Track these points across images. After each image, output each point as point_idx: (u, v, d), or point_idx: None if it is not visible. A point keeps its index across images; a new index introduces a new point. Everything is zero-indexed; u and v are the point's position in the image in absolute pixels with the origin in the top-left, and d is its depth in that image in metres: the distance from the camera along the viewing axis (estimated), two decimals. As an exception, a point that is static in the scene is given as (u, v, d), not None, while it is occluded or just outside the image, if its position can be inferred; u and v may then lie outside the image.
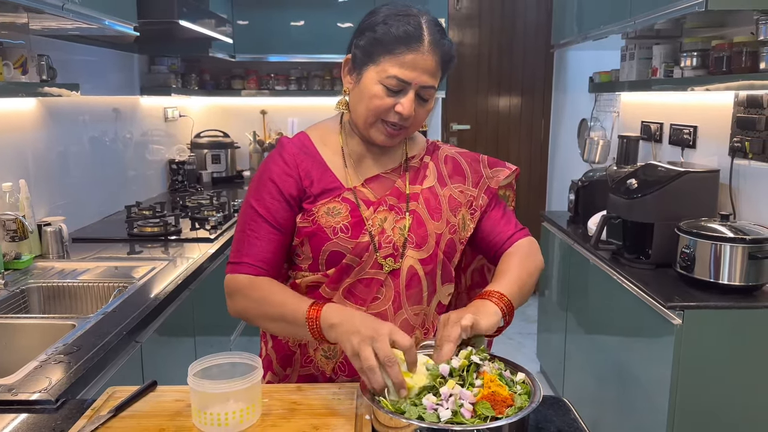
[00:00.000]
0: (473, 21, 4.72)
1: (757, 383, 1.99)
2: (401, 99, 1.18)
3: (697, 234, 2.08)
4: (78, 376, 1.33)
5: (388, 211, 1.25)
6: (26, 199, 2.20)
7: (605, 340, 2.56)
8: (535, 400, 1.00)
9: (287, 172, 1.25)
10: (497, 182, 1.35)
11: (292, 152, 1.27)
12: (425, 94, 1.20)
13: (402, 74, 1.16)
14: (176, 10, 2.53)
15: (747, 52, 2.10)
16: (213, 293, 2.36)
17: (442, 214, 1.29)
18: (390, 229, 1.24)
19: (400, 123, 1.20)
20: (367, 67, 1.19)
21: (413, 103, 1.18)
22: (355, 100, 1.23)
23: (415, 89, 1.18)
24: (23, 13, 1.81)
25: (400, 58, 1.16)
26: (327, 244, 1.22)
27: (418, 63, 1.16)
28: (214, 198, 3.31)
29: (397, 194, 1.27)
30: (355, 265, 1.22)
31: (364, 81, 1.20)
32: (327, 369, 1.27)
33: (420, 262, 1.25)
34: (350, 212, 1.23)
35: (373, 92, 1.18)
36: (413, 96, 1.18)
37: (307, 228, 1.23)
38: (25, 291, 1.99)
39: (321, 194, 1.24)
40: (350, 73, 1.24)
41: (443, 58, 1.20)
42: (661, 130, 2.98)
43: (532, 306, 4.51)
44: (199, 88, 4.17)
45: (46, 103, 2.50)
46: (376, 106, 1.19)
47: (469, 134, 4.84)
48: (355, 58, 1.22)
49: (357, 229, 1.22)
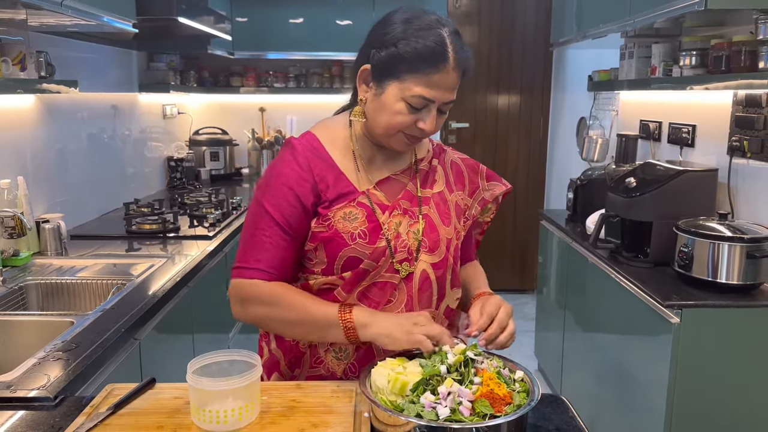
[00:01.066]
0: (472, 19, 4.71)
1: (754, 382, 2.00)
2: (424, 116, 1.17)
3: (695, 233, 2.08)
4: (76, 373, 1.33)
5: (402, 215, 1.25)
6: (24, 196, 2.19)
7: (603, 338, 2.56)
8: (534, 398, 1.01)
9: (303, 177, 1.22)
10: (492, 196, 1.39)
11: (305, 155, 1.24)
12: (445, 108, 1.20)
13: (427, 94, 1.15)
14: (175, 6, 2.52)
15: (746, 51, 2.10)
16: (211, 291, 2.36)
17: (451, 219, 1.31)
18: (405, 234, 1.24)
19: (420, 136, 1.21)
20: (389, 83, 1.16)
21: (434, 118, 1.18)
22: (374, 112, 1.21)
23: (437, 106, 1.18)
24: (22, 9, 1.81)
25: (425, 78, 1.14)
26: (344, 250, 1.20)
27: (444, 82, 1.15)
28: (213, 195, 3.31)
29: (409, 197, 1.28)
30: (371, 270, 1.22)
31: (386, 96, 1.17)
32: (338, 370, 1.26)
33: (432, 267, 1.26)
34: (366, 217, 1.22)
35: (396, 109, 1.17)
36: (435, 112, 1.18)
37: (324, 233, 1.21)
38: (23, 288, 1.98)
39: (336, 199, 1.23)
40: (367, 83, 1.21)
41: (464, 72, 1.19)
42: (660, 129, 2.98)
43: (530, 304, 4.52)
44: (198, 85, 4.16)
45: (44, 99, 2.50)
46: (399, 122, 1.18)
47: (468, 132, 4.84)
48: (375, 70, 1.18)
49: (374, 235, 1.22)
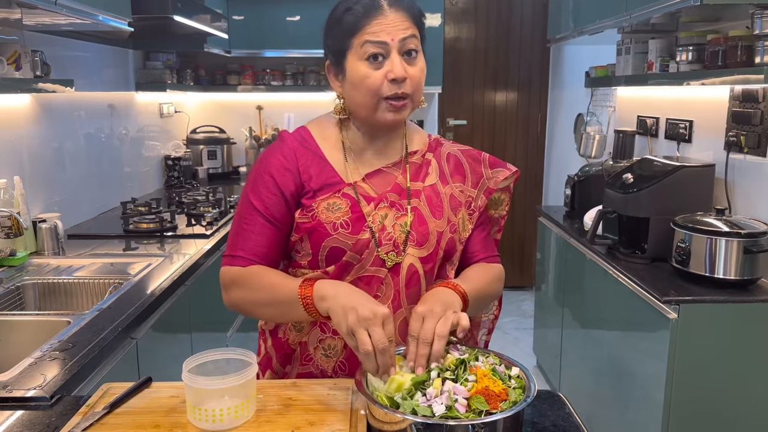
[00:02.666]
0: (469, 16, 4.71)
1: (752, 377, 2.00)
2: (389, 65, 1.17)
3: (692, 228, 2.09)
4: (73, 372, 1.33)
5: (389, 208, 1.24)
6: (21, 196, 2.19)
7: (601, 334, 2.56)
8: (530, 394, 1.01)
9: (285, 166, 1.24)
10: (496, 183, 1.34)
11: (292, 146, 1.26)
12: (409, 48, 1.18)
13: (375, 37, 1.16)
14: (171, 5, 2.52)
15: (742, 46, 2.10)
16: (209, 289, 2.35)
17: (444, 212, 1.28)
18: (391, 226, 1.23)
19: (400, 92, 1.18)
20: (345, 58, 1.19)
21: (401, 61, 1.17)
22: (350, 95, 1.22)
23: (396, 47, 1.17)
24: (17, 8, 1.81)
25: (367, 29, 1.16)
26: (327, 240, 1.21)
27: (386, 24, 1.16)
28: (210, 194, 3.31)
29: (398, 190, 1.27)
30: (355, 263, 1.22)
31: (349, 71, 1.19)
32: (327, 368, 1.27)
33: (420, 261, 1.25)
34: (350, 208, 1.22)
35: (360, 73, 1.18)
36: (398, 56, 1.17)
37: (307, 224, 1.22)
38: (20, 288, 1.98)
39: (320, 189, 1.23)
40: (336, 75, 1.24)
41: (410, 13, 1.19)
42: (657, 124, 2.98)
43: (528, 301, 4.52)
44: (195, 83, 4.15)
45: (40, 99, 2.49)
46: (370, 85, 1.17)
47: (466, 129, 4.84)
48: (332, 59, 1.23)
49: (357, 225, 1.22)
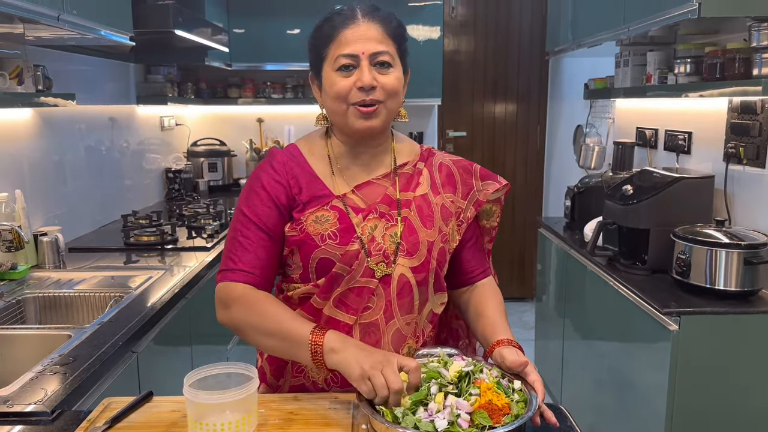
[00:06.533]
0: (468, 28, 4.73)
1: (753, 388, 2.00)
2: (357, 74, 1.19)
3: (692, 240, 2.09)
4: (74, 387, 1.33)
5: (378, 219, 1.25)
6: (22, 209, 2.19)
7: (602, 346, 2.56)
8: (532, 408, 1.01)
9: (277, 179, 1.26)
10: (486, 195, 1.35)
11: (282, 160, 1.28)
12: (382, 60, 1.20)
13: (346, 49, 1.19)
14: (172, 19, 2.53)
15: (740, 58, 2.12)
16: (210, 302, 2.33)
17: (435, 221, 1.28)
18: (380, 237, 1.23)
19: (368, 99, 1.19)
20: (322, 70, 1.23)
21: (370, 71, 1.19)
22: (325, 101, 1.26)
23: (367, 59, 1.19)
24: (19, 23, 1.82)
25: (340, 39, 1.19)
26: (315, 252, 1.22)
27: (358, 35, 1.19)
28: (211, 206, 3.31)
29: (388, 201, 1.27)
30: (345, 274, 1.22)
31: (324, 80, 1.23)
32: (319, 379, 1.27)
33: (411, 270, 1.25)
34: (338, 219, 1.23)
35: (331, 81, 1.21)
36: (367, 66, 1.19)
37: (296, 237, 1.23)
38: (21, 301, 1.98)
39: (309, 202, 1.25)
40: (317, 86, 1.29)
41: (385, 24, 1.21)
42: (656, 136, 2.99)
43: (529, 312, 4.51)
44: (196, 96, 4.17)
45: (42, 113, 2.50)
46: (338, 90, 1.20)
47: (466, 141, 4.85)
48: (312, 70, 1.28)
49: (345, 236, 1.22)
